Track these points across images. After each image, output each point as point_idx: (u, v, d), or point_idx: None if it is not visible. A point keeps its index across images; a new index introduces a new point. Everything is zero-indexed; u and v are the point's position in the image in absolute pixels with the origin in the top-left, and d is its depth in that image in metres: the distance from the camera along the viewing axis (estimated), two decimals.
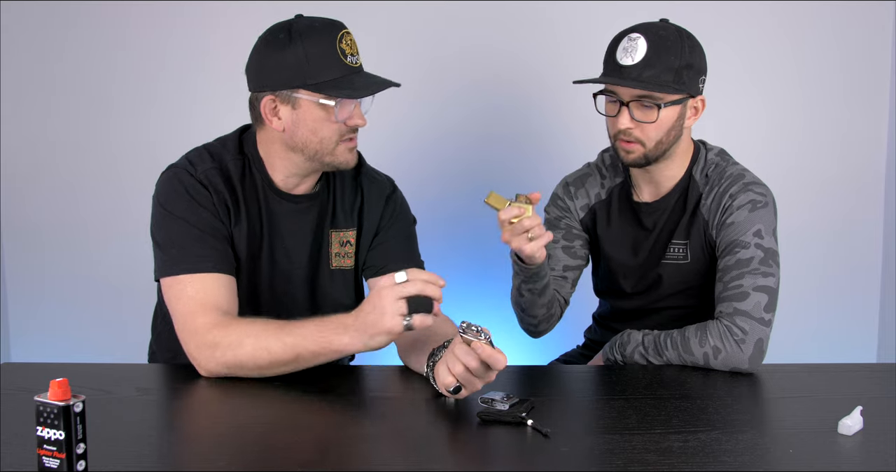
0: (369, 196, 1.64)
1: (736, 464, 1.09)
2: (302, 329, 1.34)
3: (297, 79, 1.43)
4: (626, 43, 1.55)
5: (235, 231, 1.53)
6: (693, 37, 1.59)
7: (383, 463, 1.14)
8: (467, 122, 2.55)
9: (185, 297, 1.43)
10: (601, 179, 1.77)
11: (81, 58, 2.52)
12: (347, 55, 1.45)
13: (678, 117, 1.58)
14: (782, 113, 2.58)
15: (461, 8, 2.49)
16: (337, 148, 1.49)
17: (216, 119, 2.51)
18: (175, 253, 1.46)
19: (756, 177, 1.65)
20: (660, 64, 1.53)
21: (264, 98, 1.47)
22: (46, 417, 0.99)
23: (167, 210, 1.49)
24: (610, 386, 1.46)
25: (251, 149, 1.56)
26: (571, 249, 1.75)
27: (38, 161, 2.58)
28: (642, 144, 1.57)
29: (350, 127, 1.48)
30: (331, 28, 1.45)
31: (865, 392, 1.39)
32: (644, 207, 1.71)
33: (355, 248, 1.65)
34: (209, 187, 1.50)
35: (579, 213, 1.77)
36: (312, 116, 1.46)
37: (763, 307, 1.51)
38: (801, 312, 2.57)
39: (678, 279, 1.69)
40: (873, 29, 2.54)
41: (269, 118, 1.49)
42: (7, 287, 2.65)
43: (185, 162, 1.53)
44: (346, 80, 1.44)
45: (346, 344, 1.31)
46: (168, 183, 1.51)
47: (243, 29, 2.47)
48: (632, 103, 1.55)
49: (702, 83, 1.61)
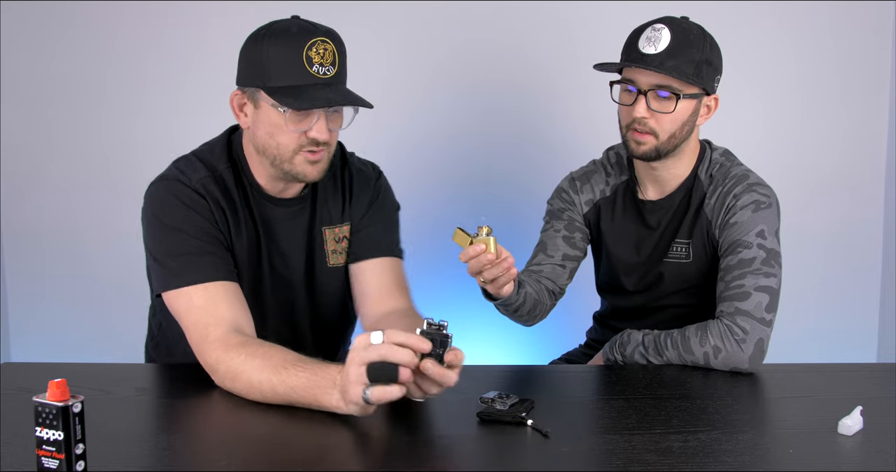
0: (357, 187, 1.62)
1: (736, 464, 1.09)
2: (294, 380, 1.25)
3: (259, 79, 1.40)
4: (650, 33, 1.56)
5: (236, 240, 1.51)
6: (713, 37, 1.60)
7: (383, 463, 1.14)
8: (473, 123, 2.55)
9: (194, 308, 1.40)
10: (606, 177, 1.78)
11: (81, 58, 2.52)
12: (314, 64, 1.39)
13: (693, 112, 1.59)
14: (782, 113, 2.58)
15: (465, 8, 2.49)
16: (295, 157, 1.44)
17: (216, 119, 2.51)
18: (176, 265, 1.43)
19: (760, 178, 1.66)
20: (682, 55, 1.54)
21: (234, 92, 1.46)
22: (45, 417, 0.99)
23: (162, 222, 1.45)
24: (610, 386, 1.46)
25: (239, 152, 1.54)
26: (572, 239, 1.76)
27: (38, 161, 2.58)
28: (655, 136, 1.57)
29: (310, 139, 1.42)
30: (304, 34, 1.39)
31: (865, 392, 1.39)
32: (649, 205, 1.71)
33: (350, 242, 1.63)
34: (206, 197, 1.47)
35: (583, 207, 1.78)
36: (269, 120, 1.43)
37: (764, 307, 1.51)
38: (801, 312, 2.57)
39: (680, 278, 1.69)
40: (873, 29, 2.54)
41: (236, 113, 1.48)
42: (7, 287, 2.65)
43: (176, 172, 1.50)
44: (302, 89, 1.38)
45: (333, 406, 1.22)
46: (160, 194, 1.48)
47: (239, 29, 2.49)
48: (650, 92, 1.55)
49: (717, 82, 1.62)
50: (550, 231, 1.77)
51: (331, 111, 1.43)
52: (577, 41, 2.49)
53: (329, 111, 1.43)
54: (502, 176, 2.57)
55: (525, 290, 1.59)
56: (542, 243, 1.78)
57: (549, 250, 1.75)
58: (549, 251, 1.74)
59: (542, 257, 1.75)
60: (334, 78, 1.42)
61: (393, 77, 2.48)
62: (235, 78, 1.48)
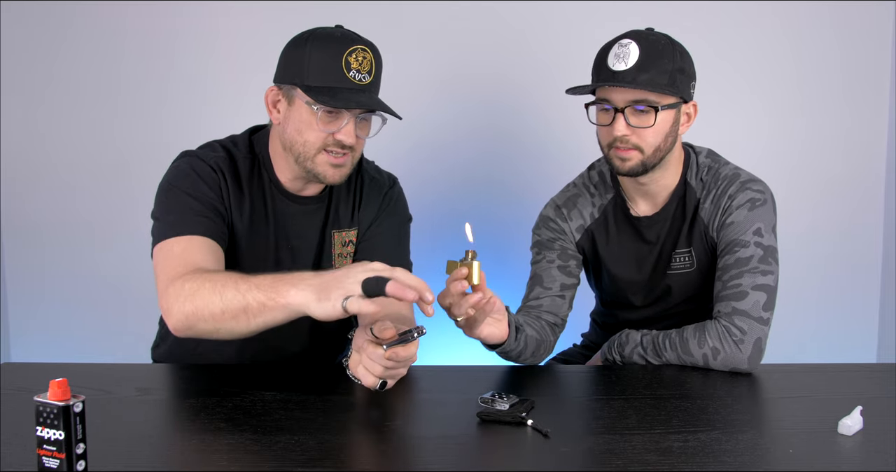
0: (367, 194, 1.65)
1: (736, 464, 1.09)
2: (259, 279, 1.25)
3: (297, 77, 1.45)
4: (618, 49, 1.53)
5: (237, 220, 1.54)
6: (681, 45, 1.57)
7: (383, 463, 1.14)
8: (474, 124, 2.55)
9: (171, 256, 1.41)
10: (591, 198, 1.73)
11: (81, 58, 2.53)
12: (352, 69, 1.44)
13: (673, 122, 1.56)
14: (782, 113, 2.58)
15: (464, 8, 2.49)
16: (318, 156, 1.48)
17: (217, 119, 2.51)
18: (171, 219, 1.47)
19: (750, 174, 1.64)
20: (654, 67, 1.51)
21: (270, 88, 1.51)
22: (46, 417, 0.99)
23: (172, 185, 1.51)
24: (610, 386, 1.46)
25: (262, 149, 1.58)
26: (567, 268, 1.71)
27: (39, 160, 2.58)
28: (640, 151, 1.54)
29: (336, 141, 1.46)
30: (347, 41, 1.45)
31: (865, 392, 1.39)
32: (644, 221, 1.68)
33: (356, 248, 1.65)
34: (217, 172, 1.52)
35: (575, 235, 1.73)
36: (300, 117, 1.47)
37: (762, 306, 1.51)
38: (801, 312, 2.57)
39: (687, 287, 1.68)
40: (873, 29, 2.54)
41: (269, 108, 1.52)
42: (7, 287, 2.65)
43: (198, 150, 1.57)
44: (338, 91, 1.43)
45: (292, 297, 1.19)
46: (179, 166, 1.54)
47: (242, 29, 2.49)
48: (627, 109, 1.52)
49: (692, 89, 1.59)
50: (543, 262, 1.71)
51: (360, 118, 1.47)
52: (583, 42, 2.49)
53: (358, 118, 1.46)
54: (504, 175, 2.57)
55: (525, 333, 1.55)
56: (536, 276, 1.72)
57: (546, 282, 1.69)
58: (545, 284, 1.69)
59: (539, 290, 1.69)
60: (369, 86, 1.47)
61: (401, 82, 2.48)
62: (273, 76, 1.52)
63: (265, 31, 2.39)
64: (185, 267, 1.37)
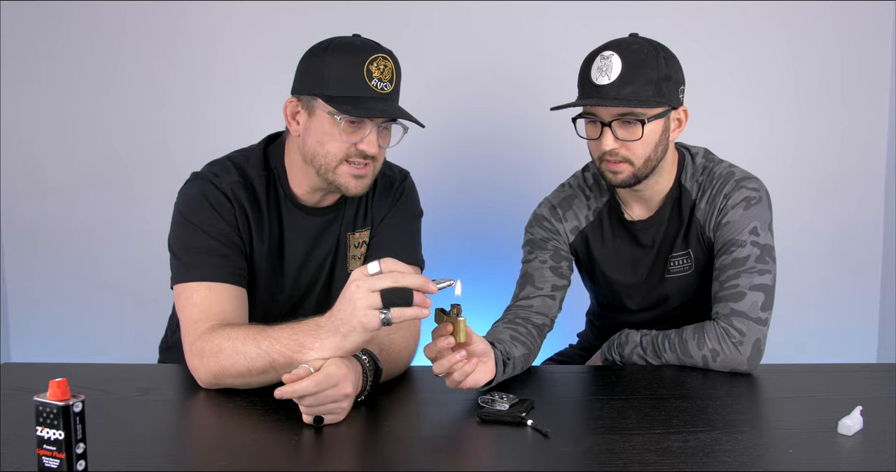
0: (380, 190, 1.62)
1: (736, 464, 1.09)
2: (277, 332, 1.27)
3: (318, 87, 1.42)
4: (600, 62, 1.50)
5: (257, 246, 1.52)
6: (667, 48, 1.54)
7: (383, 463, 1.14)
8: (475, 126, 2.55)
9: (190, 304, 1.41)
10: (587, 200, 1.71)
11: (81, 58, 2.53)
12: (374, 78, 1.41)
13: (663, 131, 1.54)
14: (782, 113, 2.59)
15: (467, 8, 2.49)
16: (339, 167, 1.45)
17: (217, 122, 2.51)
18: (188, 260, 1.45)
19: (746, 171, 1.63)
20: (637, 79, 1.48)
21: (290, 100, 1.48)
22: (46, 417, 0.99)
23: (187, 219, 1.48)
24: (609, 386, 1.46)
25: (277, 162, 1.55)
26: (559, 269, 1.68)
27: (39, 161, 2.58)
28: (630, 163, 1.52)
29: (359, 151, 1.44)
30: (367, 49, 1.42)
31: (865, 392, 1.39)
32: (639, 225, 1.67)
33: (367, 246, 1.63)
34: (233, 201, 1.49)
35: (569, 236, 1.71)
36: (322, 128, 1.44)
37: (760, 306, 1.51)
38: (800, 312, 2.57)
39: (685, 291, 1.67)
40: (873, 29, 2.54)
41: (288, 120, 1.49)
42: (7, 287, 2.65)
43: (210, 173, 1.52)
44: (360, 100, 1.40)
45: (319, 347, 1.22)
46: (191, 192, 1.50)
47: (244, 30, 2.49)
48: (614, 123, 1.49)
49: (681, 94, 1.56)
50: (535, 262, 1.68)
51: (381, 127, 1.45)
52: (584, 42, 2.49)
53: (380, 127, 1.45)
54: (503, 180, 2.57)
55: (513, 360, 1.45)
56: (527, 275, 1.69)
57: (538, 282, 1.66)
58: (537, 283, 1.66)
59: (530, 289, 1.66)
60: (390, 94, 1.44)
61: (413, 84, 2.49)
62: (291, 88, 1.49)
63: (265, 31, 2.39)
64: (206, 321, 1.38)
